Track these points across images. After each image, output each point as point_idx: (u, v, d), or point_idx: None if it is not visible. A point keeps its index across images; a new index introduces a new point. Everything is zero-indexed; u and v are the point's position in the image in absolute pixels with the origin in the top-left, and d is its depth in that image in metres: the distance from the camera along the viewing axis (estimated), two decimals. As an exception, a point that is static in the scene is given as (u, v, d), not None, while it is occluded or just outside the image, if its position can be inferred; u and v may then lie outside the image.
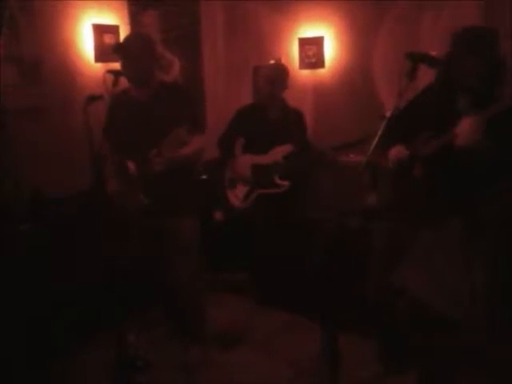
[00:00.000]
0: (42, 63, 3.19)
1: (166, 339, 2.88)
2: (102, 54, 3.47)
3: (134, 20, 3.74)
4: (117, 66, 2.57)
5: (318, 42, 3.91)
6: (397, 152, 2.16)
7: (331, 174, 3.41)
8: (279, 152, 3.23)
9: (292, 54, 4.06)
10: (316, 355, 2.35)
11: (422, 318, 1.88)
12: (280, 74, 3.26)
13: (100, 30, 3.48)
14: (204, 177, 3.78)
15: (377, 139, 1.72)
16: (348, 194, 3.16)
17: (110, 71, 2.32)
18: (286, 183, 3.23)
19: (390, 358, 2.49)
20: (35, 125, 3.12)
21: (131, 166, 2.52)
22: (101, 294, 2.55)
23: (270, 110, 3.29)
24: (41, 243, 2.83)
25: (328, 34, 3.89)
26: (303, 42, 3.98)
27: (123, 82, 2.47)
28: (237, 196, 3.37)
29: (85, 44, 3.44)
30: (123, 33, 3.60)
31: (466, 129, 1.85)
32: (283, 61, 3.88)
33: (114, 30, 3.57)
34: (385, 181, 2.34)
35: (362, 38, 3.71)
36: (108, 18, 3.56)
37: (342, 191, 3.28)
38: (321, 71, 3.97)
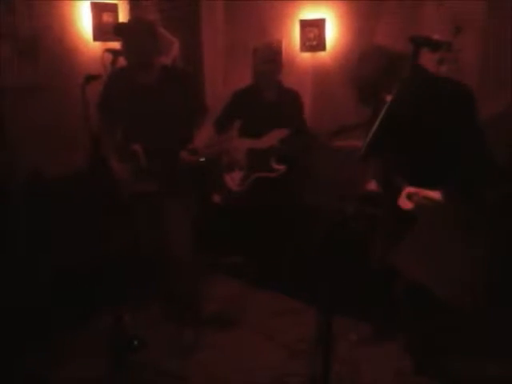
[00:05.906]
0: (39, 41, 3.13)
1: (161, 320, 2.90)
2: (100, 33, 3.41)
3: (134, -2, 3.68)
4: (116, 45, 2.53)
5: (319, 24, 3.85)
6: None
7: (331, 160, 3.39)
8: (275, 136, 3.20)
9: (293, 36, 4.00)
10: (310, 338, 2.36)
11: (419, 300, 1.89)
12: (274, 53, 3.22)
13: (99, 8, 3.42)
14: (202, 159, 3.74)
15: (377, 124, 1.69)
16: (348, 180, 3.14)
17: (109, 50, 2.29)
18: (282, 167, 3.21)
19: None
20: (31, 103, 3.08)
21: (139, 150, 2.49)
22: (98, 273, 2.55)
23: (265, 91, 3.25)
24: (39, 222, 2.83)
25: (330, 17, 3.84)
26: (304, 24, 3.93)
27: (122, 61, 2.44)
28: (234, 180, 3.35)
29: (83, 22, 3.38)
30: (122, 11, 3.54)
31: None
32: (284, 43, 3.84)
33: (112, 8, 3.51)
34: None
35: (364, 20, 3.66)
36: (107, -4, 3.50)
37: (343, 177, 3.26)
38: (322, 54, 3.92)
